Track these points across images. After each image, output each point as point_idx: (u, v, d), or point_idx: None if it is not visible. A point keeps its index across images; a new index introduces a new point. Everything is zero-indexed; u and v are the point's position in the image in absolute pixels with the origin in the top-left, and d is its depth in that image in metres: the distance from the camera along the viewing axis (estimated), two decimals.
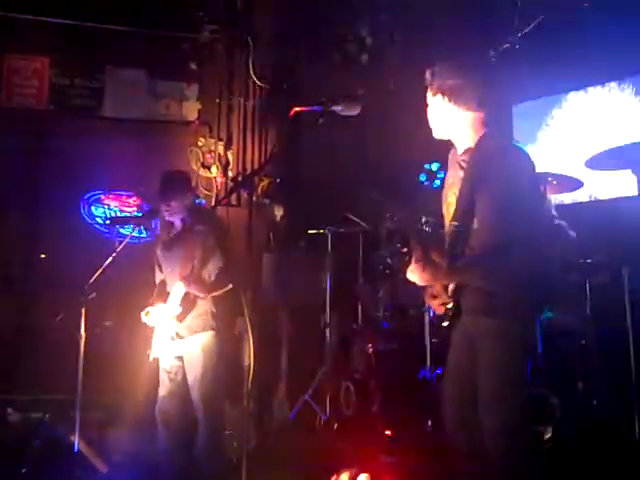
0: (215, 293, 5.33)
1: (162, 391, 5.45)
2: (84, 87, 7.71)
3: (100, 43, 7.60)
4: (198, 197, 5.55)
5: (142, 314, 5.39)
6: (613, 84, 6.58)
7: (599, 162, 5.14)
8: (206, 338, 5.37)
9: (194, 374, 5.36)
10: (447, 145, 3.79)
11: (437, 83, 3.63)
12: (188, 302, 5.31)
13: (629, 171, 5.05)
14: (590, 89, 6.77)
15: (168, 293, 5.41)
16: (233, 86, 8.09)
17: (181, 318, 5.28)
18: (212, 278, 5.29)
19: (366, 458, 4.78)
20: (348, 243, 6.72)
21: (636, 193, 5.08)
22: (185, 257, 5.28)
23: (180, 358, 5.42)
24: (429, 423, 5.26)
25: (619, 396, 4.87)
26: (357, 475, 4.54)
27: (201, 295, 5.31)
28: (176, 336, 5.31)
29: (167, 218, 5.41)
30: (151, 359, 5.38)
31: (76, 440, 5.20)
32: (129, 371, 5.65)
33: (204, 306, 5.38)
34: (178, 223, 5.42)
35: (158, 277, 5.59)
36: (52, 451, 5.00)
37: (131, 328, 5.56)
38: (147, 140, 7.72)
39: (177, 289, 5.30)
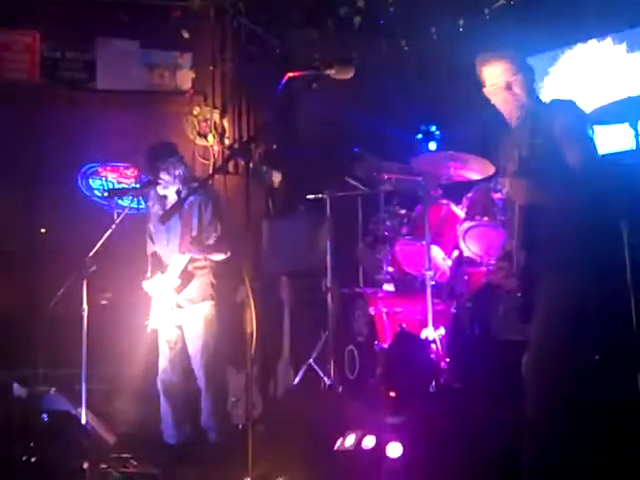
0: (214, 256, 5.35)
1: (163, 362, 5.49)
2: (76, 60, 7.66)
3: (90, 15, 7.52)
4: (187, 166, 5.53)
5: (143, 284, 5.41)
6: (608, 39, 6.54)
7: (596, 117, 5.11)
8: (206, 308, 5.40)
9: (195, 344, 5.39)
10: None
11: None
12: (187, 274, 5.33)
13: (626, 125, 5.02)
14: (584, 44, 6.73)
15: (164, 265, 5.43)
16: (226, 53, 8.04)
17: (180, 290, 5.31)
18: (210, 243, 5.32)
19: (371, 420, 4.81)
20: (347, 207, 6.72)
21: (634, 147, 5.05)
22: (184, 228, 5.29)
23: (180, 327, 5.45)
24: (433, 384, 5.29)
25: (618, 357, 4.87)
26: (363, 437, 4.57)
27: (200, 257, 5.32)
28: (176, 307, 5.34)
29: (161, 191, 5.41)
30: (149, 330, 5.41)
31: (83, 412, 5.24)
32: (132, 342, 5.68)
33: (203, 277, 5.41)
34: (172, 195, 5.42)
35: (150, 249, 5.61)
36: (59, 424, 5.02)
37: (132, 299, 5.58)
38: (142, 111, 7.68)
39: (176, 261, 5.31)
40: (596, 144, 3.75)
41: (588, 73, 6.62)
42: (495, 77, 3.87)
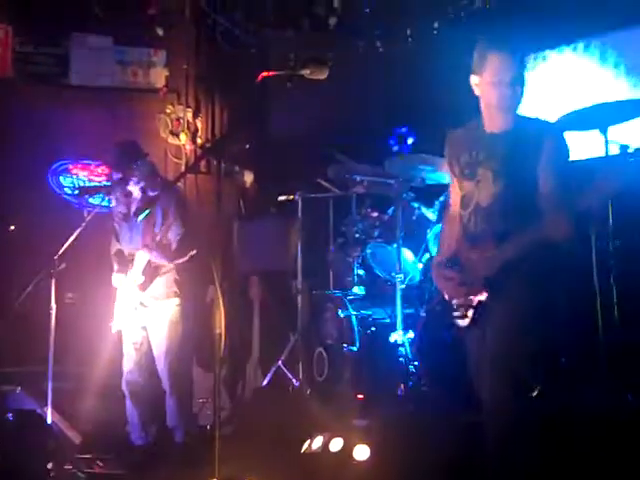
0: (179, 260, 5.34)
1: (128, 363, 5.46)
2: (49, 55, 7.60)
3: (64, 10, 7.46)
4: (152, 164, 5.52)
5: (113, 275, 5.40)
6: (580, 44, 6.58)
7: (566, 123, 5.15)
8: (171, 307, 5.38)
9: (159, 345, 5.38)
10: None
11: None
12: (151, 270, 5.31)
13: (597, 132, 5.06)
14: (555, 52, 6.75)
15: (127, 263, 5.41)
16: (201, 52, 8.01)
17: (144, 287, 5.28)
18: (174, 246, 5.30)
19: (339, 423, 4.80)
20: (319, 208, 6.71)
21: (604, 154, 5.08)
22: (146, 225, 5.27)
23: (145, 328, 5.42)
24: (401, 387, 5.29)
25: (587, 357, 4.92)
26: (330, 439, 4.56)
27: (165, 262, 5.31)
28: (140, 305, 5.31)
29: (130, 188, 5.39)
30: (114, 331, 5.38)
31: (49, 412, 5.19)
32: (100, 341, 5.64)
33: (167, 273, 5.39)
34: (137, 192, 5.40)
35: (114, 247, 5.59)
36: (25, 424, 4.97)
37: (101, 298, 5.54)
38: (115, 108, 7.63)
39: (140, 257, 5.29)
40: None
41: (559, 79, 6.65)
42: (503, 69, 3.48)
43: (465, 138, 3.79)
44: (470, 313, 3.56)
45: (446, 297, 3.72)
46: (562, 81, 6.61)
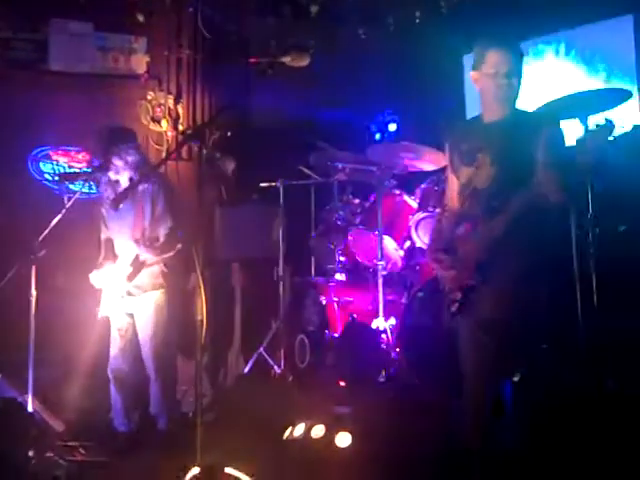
0: (165, 255, 5.34)
1: (114, 349, 5.46)
2: (28, 40, 7.52)
3: None
4: (143, 154, 5.49)
5: (90, 276, 5.37)
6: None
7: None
8: (157, 296, 5.37)
9: (145, 332, 5.37)
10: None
11: None
12: (138, 262, 5.30)
13: (576, 120, 5.09)
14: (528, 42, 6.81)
15: (115, 252, 5.40)
16: (182, 39, 7.97)
17: (131, 277, 5.27)
18: (162, 239, 5.29)
19: (321, 410, 4.82)
20: (301, 196, 6.71)
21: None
22: (136, 217, 5.26)
23: (131, 315, 5.42)
24: (383, 374, 5.32)
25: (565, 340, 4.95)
26: (312, 426, 4.58)
27: (152, 257, 5.31)
28: (127, 294, 5.31)
29: (113, 177, 5.37)
30: (99, 317, 5.37)
31: (30, 399, 5.17)
32: (82, 328, 5.62)
33: (155, 265, 5.37)
34: (125, 181, 5.37)
35: (103, 235, 5.57)
36: (5, 411, 4.96)
37: (82, 285, 5.52)
38: (95, 94, 7.57)
39: (128, 249, 5.28)
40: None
41: (534, 73, 6.69)
42: (501, 63, 3.69)
43: (465, 129, 4.02)
44: (459, 297, 3.62)
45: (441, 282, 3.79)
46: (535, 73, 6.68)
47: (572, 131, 4.17)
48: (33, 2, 7.39)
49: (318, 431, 4.53)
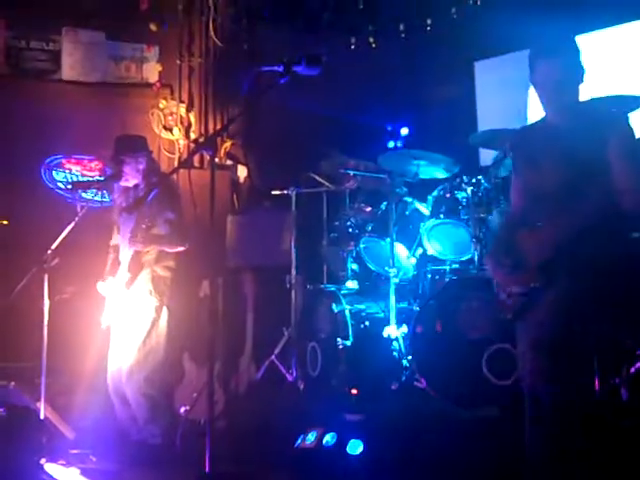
0: (167, 248, 5.30)
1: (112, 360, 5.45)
2: (41, 50, 7.58)
3: (57, 4, 7.45)
4: (154, 162, 5.49)
5: (97, 284, 5.38)
6: None
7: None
8: (144, 303, 5.34)
9: (124, 343, 5.35)
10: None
11: None
12: (135, 267, 5.28)
13: None
14: None
15: (119, 259, 5.40)
16: (194, 47, 8.00)
17: (129, 284, 5.25)
18: (162, 231, 5.25)
19: (332, 417, 4.81)
20: (312, 203, 6.71)
21: None
22: (136, 225, 5.23)
23: (128, 324, 5.41)
24: (394, 382, 5.31)
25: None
26: (324, 434, 4.58)
27: (145, 248, 5.25)
28: (125, 303, 5.30)
29: (122, 183, 5.37)
30: (103, 327, 5.38)
31: (42, 407, 5.18)
32: (94, 336, 5.63)
33: (151, 270, 5.35)
34: (134, 188, 5.37)
35: (113, 241, 5.57)
36: (18, 419, 4.97)
37: (94, 293, 5.53)
38: (108, 103, 7.61)
39: (126, 254, 5.28)
40: None
41: None
42: (551, 72, 3.63)
43: (530, 134, 3.94)
44: (520, 301, 3.58)
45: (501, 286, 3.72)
46: None
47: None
48: (46, 13, 7.43)
49: (330, 439, 4.53)
